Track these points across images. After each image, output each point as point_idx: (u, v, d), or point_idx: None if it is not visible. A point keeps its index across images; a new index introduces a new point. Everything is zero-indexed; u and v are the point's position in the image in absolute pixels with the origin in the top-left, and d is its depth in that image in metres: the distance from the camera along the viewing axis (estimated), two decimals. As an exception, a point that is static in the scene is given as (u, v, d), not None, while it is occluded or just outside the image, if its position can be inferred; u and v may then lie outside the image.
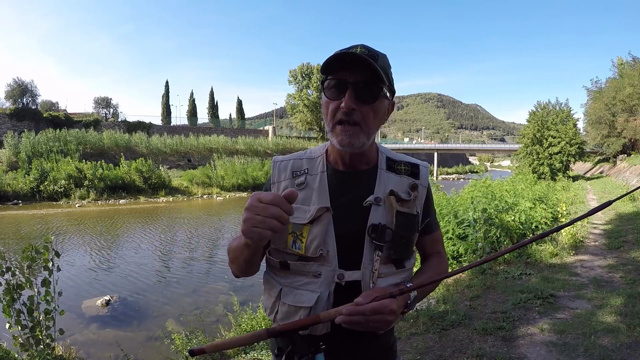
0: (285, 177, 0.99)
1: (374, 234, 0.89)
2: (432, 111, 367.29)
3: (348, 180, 0.96)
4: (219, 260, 8.86)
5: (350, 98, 0.86)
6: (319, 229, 0.90)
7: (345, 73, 0.87)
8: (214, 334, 4.20)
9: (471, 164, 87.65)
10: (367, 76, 0.86)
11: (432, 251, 1.08)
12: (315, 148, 1.05)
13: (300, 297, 0.90)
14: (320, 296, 0.88)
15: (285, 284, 0.94)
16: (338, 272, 0.89)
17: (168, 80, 49.53)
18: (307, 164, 0.99)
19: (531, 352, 2.76)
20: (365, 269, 0.89)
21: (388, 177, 0.97)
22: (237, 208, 18.54)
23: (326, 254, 0.90)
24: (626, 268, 4.68)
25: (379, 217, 0.91)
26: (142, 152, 27.26)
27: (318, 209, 0.90)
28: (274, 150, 34.55)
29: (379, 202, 0.92)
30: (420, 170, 1.01)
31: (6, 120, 28.01)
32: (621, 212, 9.29)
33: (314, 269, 0.91)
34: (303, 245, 0.90)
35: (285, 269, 0.94)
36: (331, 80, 0.89)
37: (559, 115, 25.81)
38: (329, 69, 0.88)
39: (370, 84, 0.87)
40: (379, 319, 0.80)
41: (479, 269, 4.80)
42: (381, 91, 0.89)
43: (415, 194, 0.96)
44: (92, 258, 8.69)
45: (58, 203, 18.55)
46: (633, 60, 29.51)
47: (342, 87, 0.87)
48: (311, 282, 0.91)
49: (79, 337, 4.79)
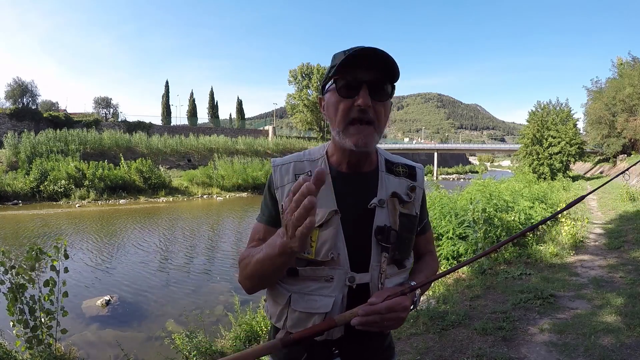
0: (289, 179, 0.97)
1: (380, 235, 0.90)
2: (432, 111, 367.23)
3: (352, 182, 0.96)
4: (219, 260, 8.86)
5: (366, 95, 0.85)
6: (329, 233, 0.89)
7: (358, 71, 0.85)
8: (214, 334, 4.20)
9: (471, 164, 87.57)
10: (381, 74, 0.86)
11: (426, 250, 1.11)
12: (313, 149, 1.04)
13: (313, 303, 0.89)
14: (335, 300, 0.88)
15: (294, 291, 0.91)
16: (349, 275, 0.89)
17: (168, 80, 49.71)
18: (309, 166, 0.98)
19: (531, 352, 2.76)
20: (374, 270, 0.90)
21: (388, 179, 0.98)
22: (237, 208, 18.55)
23: (337, 258, 0.89)
24: (626, 268, 4.68)
25: (383, 219, 0.92)
26: (142, 152, 27.26)
27: (328, 212, 0.89)
28: (274, 150, 34.56)
29: (383, 204, 0.93)
30: (417, 172, 1.03)
31: (6, 120, 28.02)
32: (621, 212, 9.29)
33: (326, 273, 0.89)
34: (313, 249, 0.89)
35: (294, 276, 0.92)
36: (343, 79, 0.87)
37: (559, 115, 25.81)
38: (342, 69, 0.86)
39: (384, 82, 0.87)
40: (393, 316, 0.82)
41: (479, 269, 4.80)
42: (392, 89, 0.90)
43: (413, 195, 0.98)
44: (92, 258, 8.69)
45: (58, 203, 18.54)
46: (633, 60, 29.52)
47: (356, 85, 0.86)
48: (324, 286, 0.89)
49: (79, 337, 4.79)
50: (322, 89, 0.96)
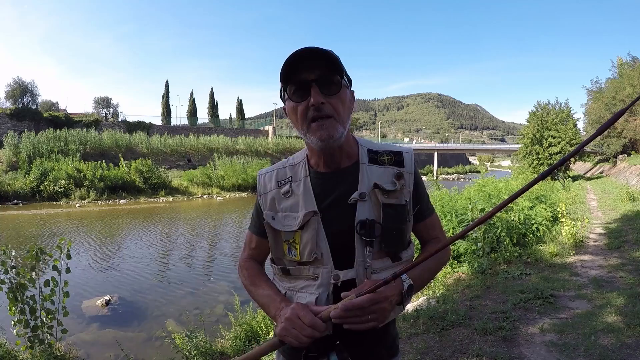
0: (271, 187, 1.01)
1: (363, 230, 0.89)
2: (432, 111, 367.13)
3: (331, 180, 0.96)
4: (219, 260, 8.87)
5: (317, 94, 0.87)
6: (309, 234, 0.91)
7: (303, 74, 0.88)
8: (214, 333, 4.21)
9: (471, 164, 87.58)
10: (325, 70, 0.88)
11: (429, 237, 1.06)
12: (296, 154, 1.06)
13: (301, 299, 0.92)
14: (319, 297, 0.90)
15: (288, 288, 0.97)
16: (334, 273, 0.91)
17: (168, 80, 49.69)
18: (290, 171, 1.01)
19: (531, 352, 2.76)
20: (359, 266, 0.90)
21: (371, 170, 0.96)
22: (237, 208, 18.55)
23: (320, 257, 0.91)
24: (626, 268, 4.68)
25: (365, 212, 0.91)
26: (142, 152, 27.28)
27: (305, 214, 0.92)
28: (274, 150, 34.56)
29: (364, 198, 0.92)
30: (404, 157, 0.99)
31: (6, 120, 28.05)
32: (621, 212, 9.29)
33: (311, 272, 0.93)
34: (297, 251, 0.93)
35: (287, 274, 0.97)
36: (293, 85, 0.90)
37: (559, 115, 25.78)
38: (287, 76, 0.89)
39: (331, 76, 0.89)
40: (375, 309, 0.81)
41: (479, 269, 4.80)
42: (342, 80, 0.91)
43: (401, 182, 0.95)
44: (93, 258, 8.69)
45: (58, 203, 18.54)
46: (633, 61, 29.55)
47: (305, 86, 0.88)
48: (309, 284, 0.93)
49: (79, 337, 4.79)
50: (282, 99, 0.97)
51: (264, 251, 1.09)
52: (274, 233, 0.98)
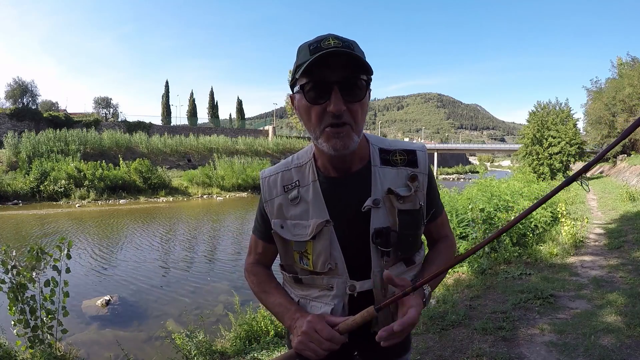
0: (277, 192, 0.94)
1: (379, 239, 0.85)
2: (432, 111, 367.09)
3: (343, 185, 0.90)
4: (219, 260, 8.86)
5: (338, 100, 0.76)
6: (322, 244, 0.86)
7: (324, 71, 0.76)
8: (214, 333, 4.20)
9: (471, 164, 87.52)
10: (350, 71, 0.77)
11: (439, 236, 1.03)
12: (300, 153, 0.98)
13: (316, 309, 0.89)
14: (334, 308, 0.87)
15: (301, 296, 0.94)
16: (350, 284, 0.87)
17: (168, 80, 49.74)
18: (296, 174, 0.93)
19: (531, 352, 2.76)
20: (375, 277, 0.87)
21: (384, 172, 0.90)
22: (237, 208, 18.54)
23: (335, 267, 0.87)
24: (626, 268, 4.68)
25: (381, 220, 0.86)
26: (142, 152, 27.27)
27: (317, 224, 0.86)
28: (274, 150, 34.55)
29: (378, 204, 0.86)
30: (418, 156, 0.92)
31: (6, 120, 28.02)
32: (621, 212, 9.29)
33: (325, 282, 0.89)
34: (310, 261, 0.88)
35: (299, 283, 0.93)
36: (310, 82, 0.78)
37: (559, 116, 25.81)
38: (306, 70, 0.77)
39: (355, 79, 0.77)
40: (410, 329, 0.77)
41: (479, 269, 4.80)
42: (367, 84, 0.80)
43: (415, 184, 0.89)
44: (92, 258, 8.68)
45: (58, 203, 18.54)
46: (632, 61, 29.56)
47: (325, 88, 0.77)
48: (324, 294, 0.90)
49: (79, 337, 4.79)
50: (291, 86, 0.87)
51: (271, 255, 1.04)
52: (284, 242, 0.93)
